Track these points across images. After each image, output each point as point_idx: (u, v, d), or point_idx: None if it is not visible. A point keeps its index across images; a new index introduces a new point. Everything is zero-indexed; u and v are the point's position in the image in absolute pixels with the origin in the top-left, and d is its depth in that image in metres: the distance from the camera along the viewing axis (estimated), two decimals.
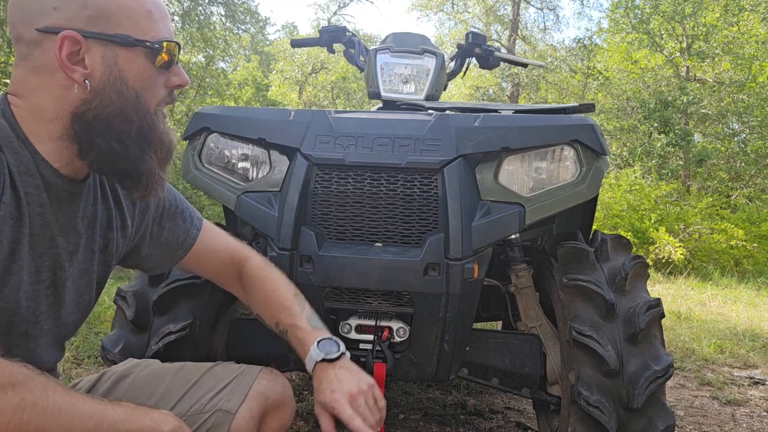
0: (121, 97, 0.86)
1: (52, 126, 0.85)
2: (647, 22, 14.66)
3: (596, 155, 1.51)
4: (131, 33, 0.86)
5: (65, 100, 0.85)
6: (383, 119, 1.52)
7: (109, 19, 0.84)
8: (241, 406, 1.05)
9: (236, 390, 1.08)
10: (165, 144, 0.93)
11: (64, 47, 0.82)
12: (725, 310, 5.66)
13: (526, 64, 2.42)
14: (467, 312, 1.47)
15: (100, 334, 3.17)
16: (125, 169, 0.90)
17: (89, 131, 0.86)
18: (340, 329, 1.54)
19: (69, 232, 0.93)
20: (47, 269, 0.90)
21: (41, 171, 0.86)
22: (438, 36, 19.62)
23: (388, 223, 1.45)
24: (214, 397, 1.06)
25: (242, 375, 1.11)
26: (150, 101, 0.90)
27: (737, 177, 13.82)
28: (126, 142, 0.88)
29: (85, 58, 0.84)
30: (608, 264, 1.57)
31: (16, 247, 0.83)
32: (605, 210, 9.86)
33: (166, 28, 0.91)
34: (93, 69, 0.84)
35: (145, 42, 0.87)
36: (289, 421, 1.15)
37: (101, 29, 0.84)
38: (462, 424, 2.30)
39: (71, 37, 0.82)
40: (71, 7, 0.83)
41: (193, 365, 1.14)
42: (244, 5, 14.87)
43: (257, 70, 20.88)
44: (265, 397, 1.10)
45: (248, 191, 1.54)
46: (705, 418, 2.59)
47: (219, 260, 1.22)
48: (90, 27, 0.83)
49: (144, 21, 0.87)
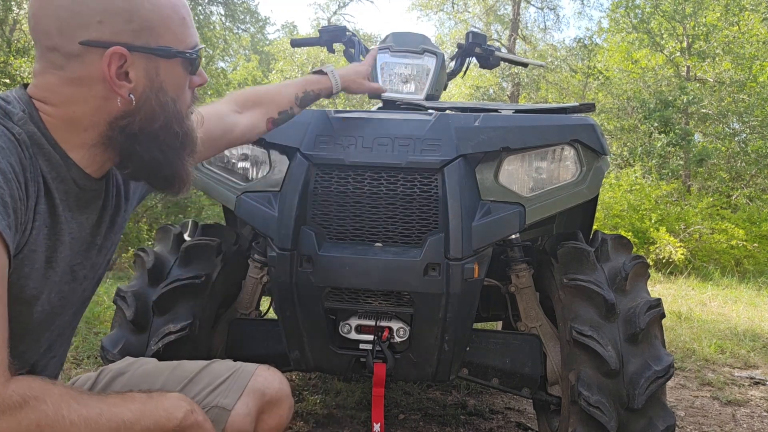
0: (163, 108, 0.87)
1: (86, 135, 0.85)
2: (648, 21, 14.66)
3: (596, 155, 1.50)
4: (171, 44, 0.86)
5: (103, 110, 0.85)
6: (383, 119, 1.52)
7: (152, 31, 0.84)
8: (238, 402, 1.05)
9: (233, 386, 1.07)
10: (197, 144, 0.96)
11: (112, 63, 0.81)
12: (726, 310, 5.66)
13: (527, 64, 2.41)
14: (467, 312, 1.47)
15: (99, 335, 3.17)
16: (165, 175, 0.92)
17: (132, 142, 0.87)
18: (340, 329, 1.54)
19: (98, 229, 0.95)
20: (82, 267, 0.93)
21: (72, 176, 0.86)
22: (438, 36, 19.62)
23: (388, 223, 1.45)
24: (210, 394, 1.05)
25: (239, 371, 1.10)
26: (182, 106, 0.92)
27: (738, 177, 13.82)
28: (168, 151, 0.90)
29: (129, 72, 0.84)
30: (608, 264, 1.57)
31: (53, 254, 0.84)
32: (605, 210, 9.86)
33: (195, 33, 0.91)
34: (137, 83, 0.84)
35: (186, 53, 0.88)
36: (287, 418, 1.14)
37: (145, 42, 0.84)
38: (462, 424, 2.30)
39: (119, 52, 0.81)
40: (117, 20, 0.82)
41: (189, 363, 1.13)
42: (244, 5, 14.88)
43: (257, 69, 20.88)
44: (261, 394, 1.09)
45: (248, 191, 1.54)
46: (705, 418, 2.58)
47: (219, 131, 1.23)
48: (135, 41, 0.83)
49: (180, 29, 0.88)
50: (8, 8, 8.43)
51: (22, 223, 0.78)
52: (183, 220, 5.78)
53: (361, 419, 2.26)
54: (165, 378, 1.08)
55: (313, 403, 2.44)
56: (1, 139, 0.77)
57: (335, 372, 1.61)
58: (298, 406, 2.38)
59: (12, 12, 8.73)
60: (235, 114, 1.27)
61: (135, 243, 7.20)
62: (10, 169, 0.76)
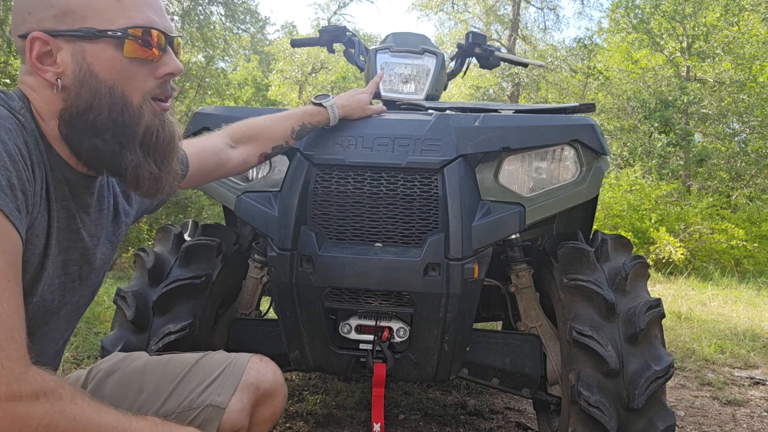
0: (92, 92, 0.85)
1: (52, 125, 0.86)
2: (647, 21, 14.66)
3: (596, 155, 1.50)
4: (95, 25, 0.84)
5: (51, 101, 0.85)
6: (383, 119, 1.52)
7: (74, 14, 0.83)
8: (232, 399, 1.04)
9: (226, 383, 1.06)
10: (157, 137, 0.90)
11: (34, 49, 0.83)
12: (726, 310, 5.66)
13: (527, 64, 2.41)
14: (467, 312, 1.47)
15: (99, 335, 3.17)
16: (111, 166, 0.89)
17: (71, 130, 0.86)
18: (340, 329, 1.54)
19: (91, 225, 0.94)
20: (75, 263, 0.92)
21: (59, 165, 0.87)
22: (438, 36, 19.62)
23: (388, 223, 1.45)
24: (203, 392, 1.04)
25: (231, 366, 1.09)
26: (131, 93, 0.87)
27: (738, 177, 13.82)
28: (104, 136, 0.86)
29: (57, 58, 0.84)
30: (608, 264, 1.57)
31: (47, 241, 0.84)
32: (605, 210, 9.86)
33: (141, 16, 0.87)
34: (65, 67, 0.84)
35: (107, 32, 0.84)
36: (280, 408, 1.14)
37: (68, 26, 0.83)
38: (462, 424, 2.30)
39: (39, 38, 0.83)
40: (40, 9, 0.83)
41: (180, 357, 1.12)
42: (244, 5, 14.86)
43: (257, 69, 20.89)
44: (255, 388, 1.08)
45: (248, 191, 1.54)
46: (705, 418, 2.58)
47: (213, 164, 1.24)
48: (57, 25, 0.83)
49: (111, 11, 0.85)
50: (8, 8, 8.43)
51: (31, 205, 0.79)
52: (183, 220, 5.78)
53: (361, 419, 2.26)
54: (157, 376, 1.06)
55: (313, 403, 2.44)
56: (7, 121, 0.78)
57: (335, 372, 1.61)
58: (298, 407, 2.38)
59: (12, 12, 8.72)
60: (229, 148, 1.29)
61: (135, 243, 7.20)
62: (17, 151, 0.77)
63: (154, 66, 0.89)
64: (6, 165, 0.74)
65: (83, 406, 0.75)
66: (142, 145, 0.89)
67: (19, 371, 0.69)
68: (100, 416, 0.76)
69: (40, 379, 0.72)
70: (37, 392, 0.70)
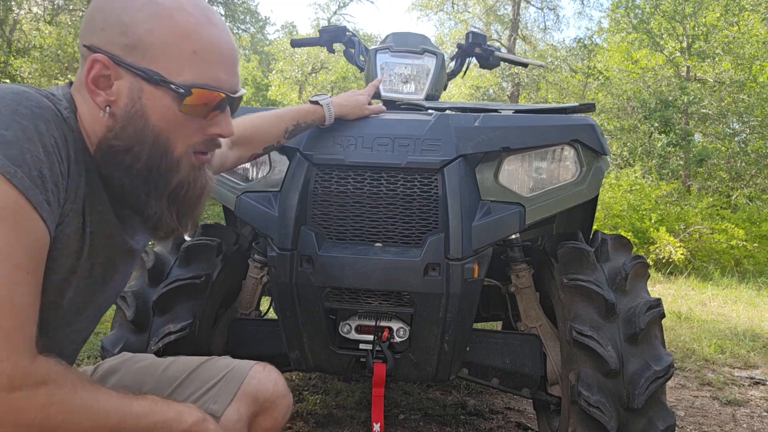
0: (137, 133, 0.82)
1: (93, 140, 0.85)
2: (647, 21, 14.66)
3: (596, 155, 1.50)
4: (162, 71, 0.81)
5: (97, 121, 0.83)
6: (383, 119, 1.52)
7: (145, 52, 0.81)
8: (228, 408, 1.02)
9: (224, 390, 1.04)
10: (186, 192, 0.88)
11: (93, 69, 0.80)
12: (726, 310, 5.66)
13: (527, 64, 2.41)
14: (467, 312, 1.47)
15: (99, 334, 3.17)
16: (134, 207, 0.87)
17: (106, 161, 0.84)
18: (340, 329, 1.54)
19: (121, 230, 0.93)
20: (100, 266, 0.90)
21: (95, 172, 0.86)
22: (438, 36, 19.62)
23: (388, 223, 1.45)
24: (200, 399, 1.02)
25: (232, 373, 1.07)
26: (175, 143, 0.85)
27: (738, 177, 13.83)
28: (135, 181, 0.84)
29: (114, 85, 0.82)
30: (608, 264, 1.57)
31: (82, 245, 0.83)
32: (605, 210, 9.86)
33: (211, 74, 0.84)
34: (118, 97, 0.82)
35: (170, 83, 0.81)
36: (283, 418, 1.11)
37: (134, 60, 0.81)
38: (462, 424, 2.30)
39: (101, 61, 0.80)
40: (114, 31, 0.81)
41: (184, 360, 1.10)
42: (244, 5, 14.87)
43: (257, 69, 20.89)
44: (254, 398, 1.06)
45: (248, 191, 1.54)
46: (705, 418, 2.59)
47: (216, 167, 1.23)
48: (124, 56, 0.81)
49: (183, 62, 0.82)
50: (8, 8, 8.42)
51: (63, 199, 0.77)
52: None
53: (361, 419, 2.26)
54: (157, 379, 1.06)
55: (313, 403, 2.44)
56: (47, 113, 0.76)
57: (335, 372, 1.61)
58: (298, 407, 2.38)
59: (12, 12, 8.73)
60: (228, 149, 1.29)
61: None
62: (53, 143, 0.75)
63: (207, 123, 0.88)
64: (39, 156, 0.72)
65: (83, 395, 0.75)
66: (170, 195, 0.87)
67: (24, 363, 0.69)
68: (99, 403, 0.76)
69: (44, 370, 0.72)
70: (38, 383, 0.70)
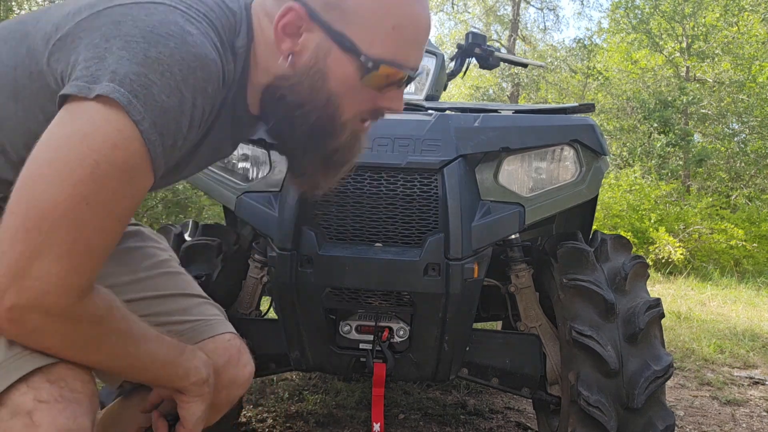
0: (311, 91, 0.81)
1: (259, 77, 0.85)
2: (647, 22, 14.67)
3: (596, 155, 1.51)
4: (355, 38, 0.79)
5: (274, 62, 0.82)
6: (383, 119, 1.52)
7: (344, 13, 0.79)
8: None
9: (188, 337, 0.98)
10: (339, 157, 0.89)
11: (286, 16, 0.79)
12: (725, 310, 5.66)
13: (526, 64, 2.42)
14: (467, 312, 1.47)
15: None
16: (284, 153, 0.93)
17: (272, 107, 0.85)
18: (340, 329, 1.54)
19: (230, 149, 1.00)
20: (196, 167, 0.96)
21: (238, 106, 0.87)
22: (438, 36, 19.63)
23: (388, 223, 1.45)
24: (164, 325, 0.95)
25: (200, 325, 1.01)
26: (345, 108, 0.84)
27: (737, 177, 13.83)
28: (295, 134, 0.85)
29: (302, 36, 0.80)
30: (608, 264, 1.57)
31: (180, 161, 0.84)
32: (605, 210, 9.86)
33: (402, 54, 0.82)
34: (303, 49, 0.80)
35: (360, 54, 0.79)
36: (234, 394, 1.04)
37: (331, 20, 0.79)
38: (462, 424, 2.30)
39: (298, 11, 0.79)
40: None
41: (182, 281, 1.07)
42: None
43: None
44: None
45: (248, 191, 1.54)
46: (705, 418, 2.59)
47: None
48: (323, 12, 0.79)
49: (379, 34, 0.80)
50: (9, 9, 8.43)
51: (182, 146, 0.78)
52: (183, 220, 5.78)
53: (361, 419, 2.27)
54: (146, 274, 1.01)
55: (313, 403, 2.44)
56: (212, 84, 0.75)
57: (335, 372, 1.61)
58: (298, 406, 2.39)
59: (12, 12, 8.74)
60: None
61: None
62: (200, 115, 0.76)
63: (380, 95, 0.87)
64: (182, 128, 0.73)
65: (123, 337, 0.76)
66: (323, 157, 0.88)
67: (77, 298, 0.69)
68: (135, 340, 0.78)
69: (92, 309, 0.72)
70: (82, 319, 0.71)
